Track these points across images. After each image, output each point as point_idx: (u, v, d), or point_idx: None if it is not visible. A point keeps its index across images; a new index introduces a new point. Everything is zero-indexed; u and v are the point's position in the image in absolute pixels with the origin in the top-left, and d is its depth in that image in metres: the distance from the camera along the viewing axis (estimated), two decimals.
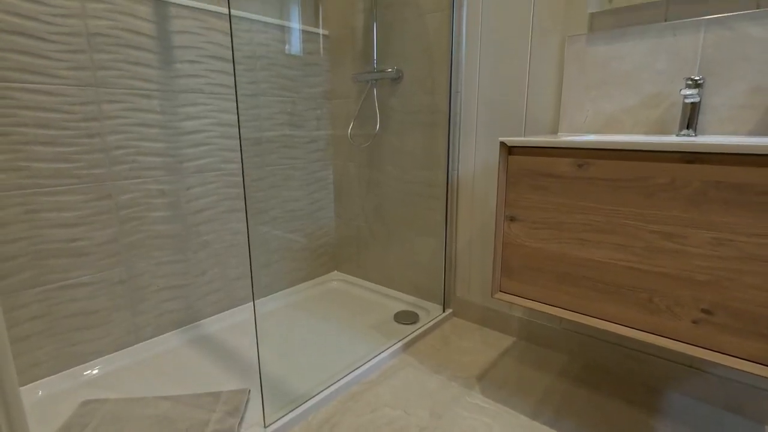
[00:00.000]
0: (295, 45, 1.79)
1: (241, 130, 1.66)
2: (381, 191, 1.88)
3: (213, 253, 1.64)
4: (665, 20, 1.10)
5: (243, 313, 1.74)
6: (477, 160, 1.54)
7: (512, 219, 1.04)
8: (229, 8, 1.53)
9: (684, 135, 1.06)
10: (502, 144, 1.02)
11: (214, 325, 1.64)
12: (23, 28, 1.11)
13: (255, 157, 1.73)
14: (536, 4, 1.31)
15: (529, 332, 1.53)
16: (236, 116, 1.63)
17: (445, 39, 1.53)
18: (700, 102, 1.04)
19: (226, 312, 1.71)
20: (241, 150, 1.65)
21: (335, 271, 2.17)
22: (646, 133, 1.16)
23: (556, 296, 1.00)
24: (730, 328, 0.78)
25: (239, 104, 1.64)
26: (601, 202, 0.89)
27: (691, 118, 1.05)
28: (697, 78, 1.02)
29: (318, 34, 1.87)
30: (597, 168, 0.89)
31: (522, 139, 0.99)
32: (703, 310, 0.80)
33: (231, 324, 1.66)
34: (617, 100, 1.19)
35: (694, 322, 0.82)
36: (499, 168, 1.03)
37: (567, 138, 0.99)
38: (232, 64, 1.58)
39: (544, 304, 1.02)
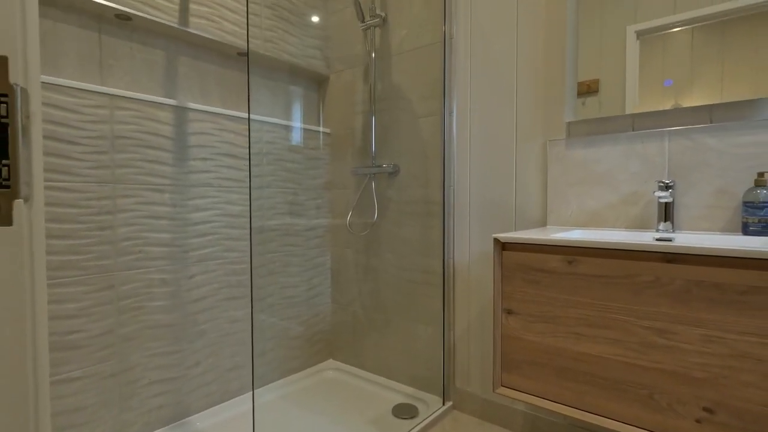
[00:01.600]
0: (299, 142, 1.95)
1: (251, 220, 1.73)
2: (378, 278, 1.91)
3: (208, 343, 1.61)
4: (633, 130, 1.25)
5: (235, 406, 1.66)
6: (472, 249, 1.61)
7: (509, 312, 1.07)
8: (248, 113, 1.69)
9: (662, 230, 1.14)
10: (496, 240, 1.09)
11: (206, 420, 1.56)
12: (56, 134, 1.22)
13: (257, 245, 1.78)
14: (518, 112, 1.47)
15: (534, 427, 1.48)
16: (241, 207, 1.71)
17: (437, 139, 1.68)
18: (673, 201, 1.14)
19: (217, 406, 1.63)
20: (250, 239, 1.71)
21: (330, 360, 2.11)
22: (628, 227, 1.25)
23: (557, 392, 1.00)
24: (734, 429, 0.79)
25: (248, 196, 1.74)
26: (593, 297, 0.93)
27: (667, 215, 1.14)
28: (667, 181, 1.13)
29: (319, 132, 2.04)
30: (586, 265, 0.95)
31: (514, 235, 1.06)
32: (705, 409, 0.81)
33: (223, 419, 1.58)
34: (599, 197, 1.29)
35: (697, 421, 0.82)
36: (494, 262, 1.09)
37: (556, 235, 1.06)
38: (240, 161, 1.70)
39: (546, 399, 1.01)
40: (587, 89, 1.31)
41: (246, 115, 1.72)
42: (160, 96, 1.47)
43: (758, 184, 1.02)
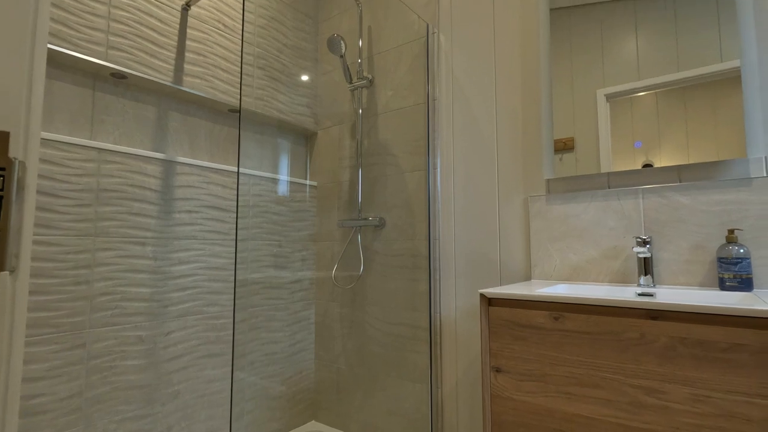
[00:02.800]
0: (285, 194, 1.97)
1: (236, 272, 1.70)
2: (364, 332, 1.87)
3: (182, 405, 1.52)
4: (609, 187, 1.31)
5: None
6: (458, 303, 1.60)
7: (498, 370, 1.05)
8: (238, 166, 1.72)
9: (644, 285, 1.16)
10: (482, 296, 1.09)
11: None
12: (40, 187, 1.21)
13: (240, 299, 1.74)
14: (499, 169, 1.53)
15: None
16: (225, 260, 1.68)
17: (423, 193, 1.72)
18: (651, 256, 1.17)
19: None
20: (234, 292, 1.67)
21: (313, 421, 2.00)
22: (611, 281, 1.27)
23: None
24: None
25: (232, 248, 1.72)
26: (581, 354, 0.93)
27: (647, 269, 1.17)
28: (644, 237, 1.17)
29: (306, 184, 2.07)
30: (572, 321, 0.95)
31: (500, 291, 1.06)
32: None
33: None
34: (580, 251, 1.32)
35: None
36: (481, 319, 1.08)
37: (541, 290, 1.07)
38: (226, 213, 1.70)
39: None
40: (563, 146, 1.38)
41: (234, 168, 1.74)
42: (149, 150, 1.49)
43: (729, 240, 1.07)
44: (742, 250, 1.04)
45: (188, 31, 1.60)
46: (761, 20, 1.11)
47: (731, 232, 1.07)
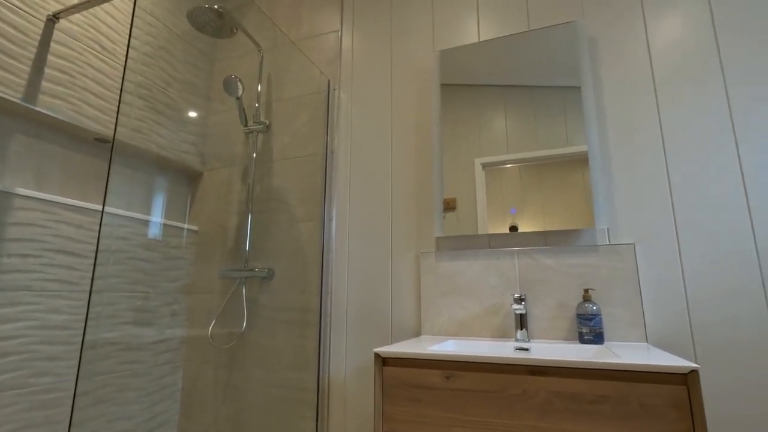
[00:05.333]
0: (158, 238, 1.73)
1: (85, 332, 1.38)
2: (242, 397, 1.66)
3: None
4: (489, 247, 1.43)
5: None
6: (348, 362, 1.54)
7: None
8: (103, 205, 1.46)
9: (520, 339, 1.26)
10: (377, 355, 1.06)
11: None
12: None
13: (86, 365, 1.41)
14: (393, 225, 1.58)
15: None
16: (67, 316, 1.37)
17: (316, 245, 1.67)
18: (526, 312, 1.29)
19: None
20: (80, 358, 1.34)
21: None
22: (492, 336, 1.35)
23: None
24: None
25: (78, 301, 1.42)
26: (471, 414, 0.94)
27: (522, 324, 1.27)
28: (519, 295, 1.28)
29: (184, 228, 1.86)
30: (462, 380, 0.97)
31: (394, 350, 1.04)
32: None
33: None
34: (466, 307, 1.39)
35: None
36: (375, 380, 1.04)
37: (433, 348, 1.08)
38: (77, 258, 1.41)
39: None
40: (447, 206, 1.49)
41: (94, 206, 1.48)
42: None
43: (585, 299, 1.23)
44: (595, 308, 1.21)
45: (53, 45, 1.38)
46: (600, 116, 1.38)
47: (586, 291, 1.23)
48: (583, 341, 1.20)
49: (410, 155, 1.61)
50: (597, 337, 1.19)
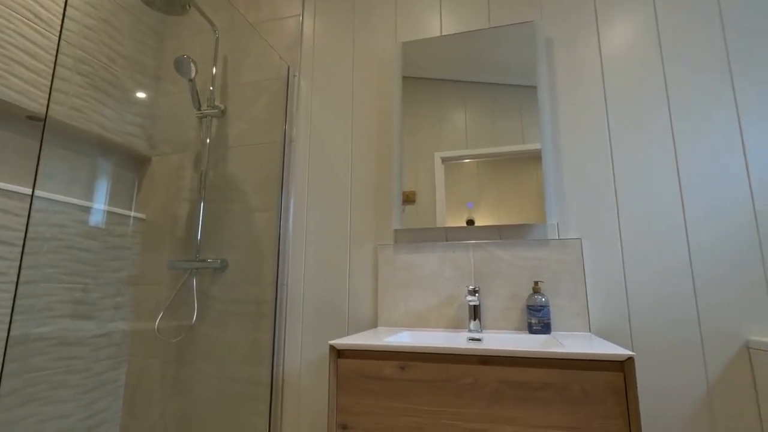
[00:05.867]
0: (101, 226, 1.62)
1: (11, 325, 1.27)
2: (191, 392, 1.60)
3: None
4: (446, 240, 1.45)
5: None
6: (304, 355, 1.52)
7: (344, 427, 1.00)
8: (33, 188, 1.33)
9: (473, 330, 1.29)
10: (332, 347, 1.05)
11: None
12: None
13: (12, 362, 1.30)
14: (352, 216, 1.56)
15: None
16: None
17: (272, 235, 1.63)
18: (479, 304, 1.32)
19: None
20: (4, 355, 1.23)
21: None
22: (447, 327, 1.38)
23: None
24: None
25: (6, 293, 1.30)
26: (424, 403, 0.96)
27: (476, 315, 1.31)
28: (474, 287, 1.31)
29: (130, 216, 1.76)
30: (417, 370, 0.98)
31: (350, 342, 1.04)
32: None
33: None
34: (422, 299, 1.41)
35: None
36: (329, 372, 1.03)
37: (388, 340, 1.09)
38: (5, 247, 1.29)
39: None
40: (406, 199, 1.49)
41: (25, 190, 1.36)
42: None
43: (535, 290, 1.28)
44: (543, 299, 1.26)
45: None
46: (554, 116, 1.43)
47: (536, 283, 1.28)
48: (532, 331, 1.25)
49: (371, 146, 1.60)
50: (545, 328, 1.24)
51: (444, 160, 1.48)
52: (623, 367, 0.87)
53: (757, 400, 1.13)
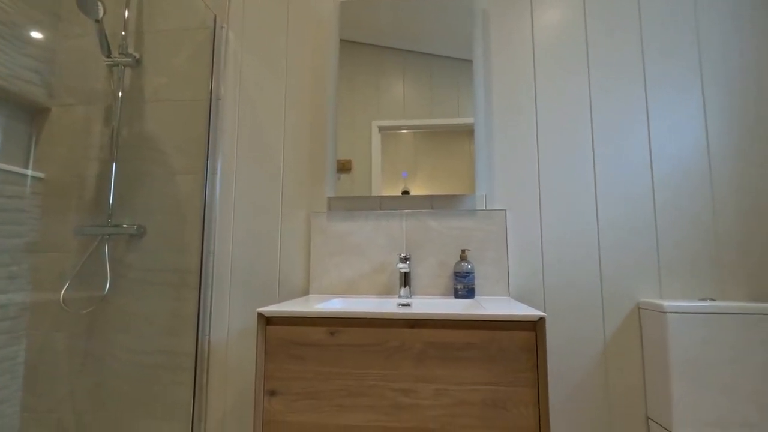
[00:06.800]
0: None
1: None
2: (104, 367, 1.49)
3: None
4: (380, 209, 1.46)
5: None
6: (232, 325, 1.47)
7: (272, 393, 0.99)
8: None
9: (403, 296, 1.33)
10: (260, 315, 1.02)
11: None
12: None
13: None
14: (284, 182, 1.51)
15: None
16: None
17: (197, 200, 1.52)
18: (410, 271, 1.36)
19: None
20: None
21: None
22: (378, 293, 1.40)
23: None
24: None
25: None
26: (353, 366, 0.98)
27: (406, 282, 1.34)
28: (405, 254, 1.34)
29: (27, 176, 1.55)
30: (346, 335, 0.99)
31: (278, 309, 1.02)
32: None
33: None
34: (355, 266, 1.42)
35: None
36: (257, 340, 1.01)
37: (319, 306, 1.08)
38: None
39: None
40: (342, 167, 1.47)
41: None
42: None
43: (462, 258, 1.34)
44: (469, 266, 1.32)
45: None
46: (488, 90, 1.47)
47: (463, 251, 1.34)
48: (457, 296, 1.32)
49: (305, 110, 1.54)
50: (469, 293, 1.31)
51: (381, 129, 1.46)
52: (535, 326, 0.94)
53: (642, 354, 1.31)
